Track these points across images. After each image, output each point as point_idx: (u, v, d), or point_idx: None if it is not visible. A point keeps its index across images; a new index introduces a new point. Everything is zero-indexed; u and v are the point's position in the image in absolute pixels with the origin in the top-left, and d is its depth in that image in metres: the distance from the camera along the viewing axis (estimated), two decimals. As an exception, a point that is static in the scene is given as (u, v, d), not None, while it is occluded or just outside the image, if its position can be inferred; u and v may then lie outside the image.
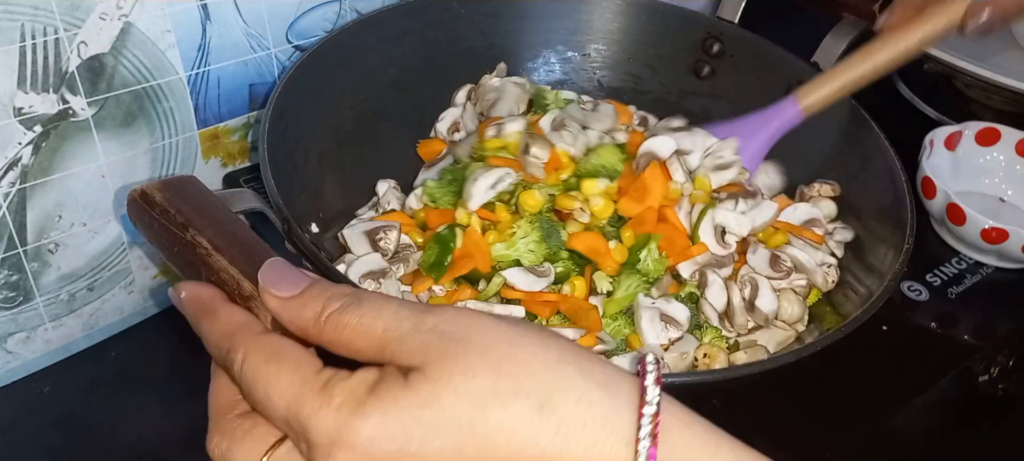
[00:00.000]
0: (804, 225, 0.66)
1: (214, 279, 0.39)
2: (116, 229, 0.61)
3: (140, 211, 0.43)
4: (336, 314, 0.36)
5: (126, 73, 0.58)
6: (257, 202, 0.48)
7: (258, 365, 0.35)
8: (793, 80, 0.71)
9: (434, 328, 0.34)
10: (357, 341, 0.35)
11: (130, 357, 0.64)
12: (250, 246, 0.41)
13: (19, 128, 0.54)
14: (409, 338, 0.34)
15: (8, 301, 0.58)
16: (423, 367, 0.33)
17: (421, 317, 0.35)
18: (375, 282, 0.56)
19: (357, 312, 0.35)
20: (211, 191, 0.44)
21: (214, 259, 0.40)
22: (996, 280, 0.78)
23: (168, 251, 0.42)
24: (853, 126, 0.70)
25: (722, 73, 0.77)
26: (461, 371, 0.33)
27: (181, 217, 0.41)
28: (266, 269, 0.38)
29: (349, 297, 0.36)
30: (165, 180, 0.44)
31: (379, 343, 0.35)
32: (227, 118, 0.66)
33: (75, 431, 0.60)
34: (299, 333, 0.37)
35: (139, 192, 0.43)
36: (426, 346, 0.34)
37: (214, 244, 0.40)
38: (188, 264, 0.41)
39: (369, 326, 0.35)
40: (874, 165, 0.67)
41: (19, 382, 0.61)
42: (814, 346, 0.52)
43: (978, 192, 0.85)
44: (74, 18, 0.54)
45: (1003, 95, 0.91)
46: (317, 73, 0.65)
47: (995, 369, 0.72)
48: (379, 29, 0.71)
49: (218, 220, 0.42)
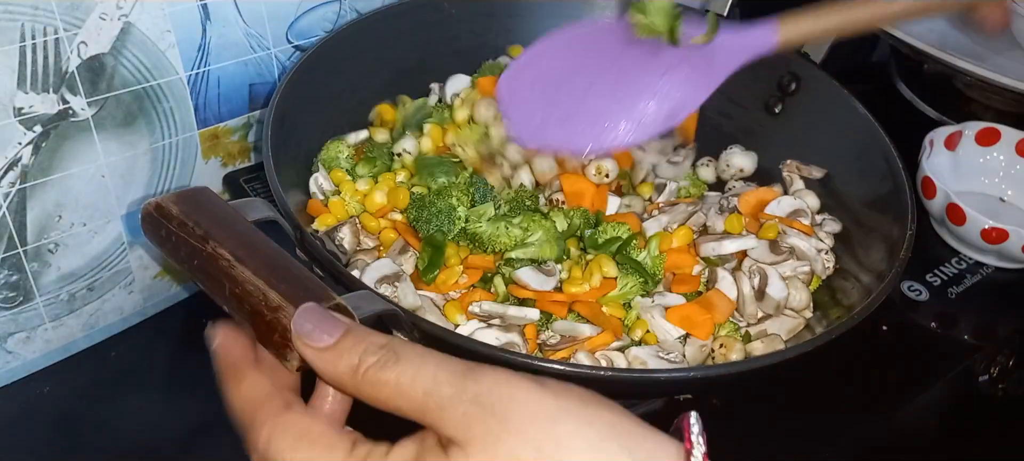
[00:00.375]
0: (790, 216, 0.66)
1: (238, 291, 0.39)
2: (116, 229, 0.61)
3: (155, 225, 0.42)
4: (374, 370, 0.35)
5: (126, 73, 0.58)
6: (270, 211, 0.47)
7: (284, 449, 0.34)
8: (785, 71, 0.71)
9: (475, 399, 0.33)
10: (395, 401, 0.34)
11: (130, 357, 0.64)
12: (272, 256, 0.40)
13: (19, 128, 0.54)
14: (450, 406, 0.33)
15: (8, 301, 0.58)
16: (464, 444, 0.33)
17: (462, 383, 0.33)
18: (391, 286, 0.56)
19: (395, 370, 0.34)
20: (225, 202, 0.44)
21: (237, 271, 0.39)
22: (996, 280, 0.78)
23: (187, 264, 0.41)
24: (850, 117, 0.70)
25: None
26: (504, 454, 0.32)
27: (200, 230, 0.41)
28: (299, 317, 0.36)
29: (386, 351, 0.35)
30: (179, 192, 0.43)
31: (420, 407, 0.34)
32: (227, 118, 0.66)
33: (75, 431, 0.60)
34: (334, 385, 0.36)
35: (153, 205, 0.42)
36: (468, 420, 0.33)
37: (236, 256, 0.39)
38: (209, 277, 0.40)
39: (408, 389, 0.34)
40: (871, 155, 0.67)
41: (19, 382, 0.61)
42: (833, 332, 0.52)
43: (978, 192, 0.85)
44: (74, 18, 0.54)
45: (1003, 95, 0.91)
46: (316, 75, 0.65)
47: (995, 369, 0.72)
48: (374, 30, 0.71)
49: (237, 231, 0.41)
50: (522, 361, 0.47)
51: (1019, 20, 0.97)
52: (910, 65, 1.00)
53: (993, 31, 0.65)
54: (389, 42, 0.72)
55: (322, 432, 0.35)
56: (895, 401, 0.67)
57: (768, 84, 0.74)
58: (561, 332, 0.57)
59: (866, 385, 0.68)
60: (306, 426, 0.35)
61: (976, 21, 0.66)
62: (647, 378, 0.53)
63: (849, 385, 0.67)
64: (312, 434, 0.35)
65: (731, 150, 0.74)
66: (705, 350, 0.58)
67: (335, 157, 0.66)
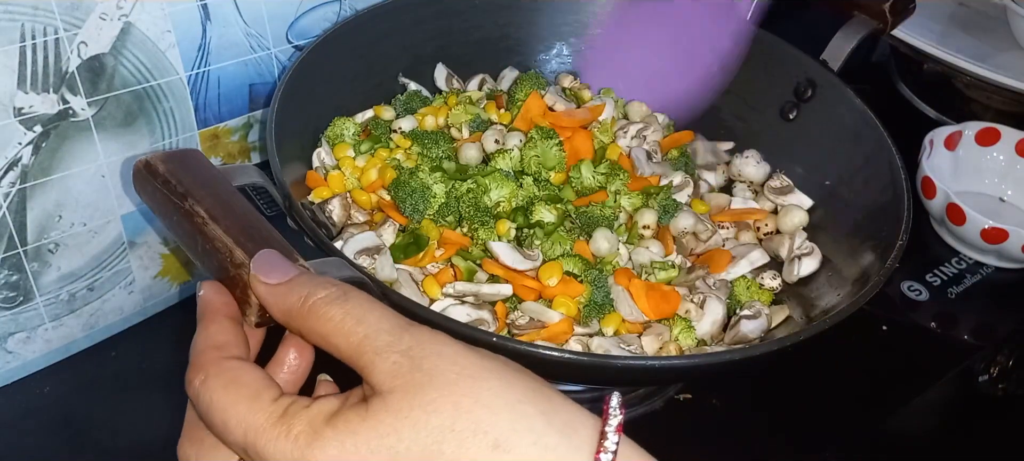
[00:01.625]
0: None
1: (209, 247, 0.41)
2: (116, 229, 0.61)
3: (143, 180, 0.45)
4: (322, 302, 0.36)
5: (126, 73, 0.58)
6: (258, 177, 0.49)
7: (216, 389, 0.36)
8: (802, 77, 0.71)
9: (407, 351, 0.34)
10: (335, 337, 0.36)
11: (130, 357, 0.64)
12: (245, 217, 0.42)
13: (19, 128, 0.54)
14: (383, 353, 0.34)
15: (8, 301, 0.58)
16: (387, 394, 0.33)
17: (400, 334, 0.35)
18: (371, 258, 0.57)
19: (342, 308, 0.36)
20: (213, 164, 0.46)
21: (209, 228, 0.41)
22: (996, 280, 0.78)
23: (168, 220, 0.44)
24: (860, 126, 0.69)
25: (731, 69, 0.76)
26: (421, 405, 0.33)
27: (181, 187, 0.43)
28: (259, 258, 0.39)
29: (337, 289, 0.37)
30: (169, 152, 0.45)
31: (356, 349, 0.35)
32: (227, 118, 0.66)
33: (75, 431, 0.60)
34: (282, 318, 0.38)
35: (143, 163, 0.45)
36: (396, 369, 0.34)
37: (210, 214, 0.41)
38: (186, 233, 0.42)
39: (351, 328, 0.35)
40: (876, 163, 0.66)
41: (19, 382, 0.61)
42: (801, 335, 0.51)
43: (978, 192, 0.85)
44: (74, 18, 0.54)
45: (1003, 95, 0.91)
46: (332, 56, 0.66)
47: (995, 369, 0.72)
48: (396, 16, 0.71)
49: (216, 192, 0.43)
50: (498, 342, 0.46)
51: (1019, 20, 0.97)
52: (910, 65, 1.01)
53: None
54: (408, 29, 0.72)
55: (252, 380, 0.36)
56: (895, 401, 0.67)
57: (785, 89, 0.73)
58: (530, 313, 0.57)
59: (866, 385, 0.68)
60: (239, 372, 0.36)
61: None
62: (610, 364, 0.52)
63: (849, 385, 0.67)
64: (242, 380, 0.36)
65: (746, 157, 0.73)
66: (661, 340, 0.58)
67: (341, 133, 0.67)
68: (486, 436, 0.33)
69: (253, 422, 0.34)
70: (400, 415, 0.33)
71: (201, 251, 0.41)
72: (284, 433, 0.34)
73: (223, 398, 0.35)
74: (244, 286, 0.39)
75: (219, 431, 0.36)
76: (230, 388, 0.35)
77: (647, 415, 0.63)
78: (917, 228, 0.60)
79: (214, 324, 0.39)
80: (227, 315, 0.40)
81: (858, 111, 0.68)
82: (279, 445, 0.33)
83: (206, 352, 0.37)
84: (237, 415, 0.35)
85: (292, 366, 0.41)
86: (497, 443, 0.33)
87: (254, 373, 0.36)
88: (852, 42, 0.70)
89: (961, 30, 1.00)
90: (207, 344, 0.38)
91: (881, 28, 0.70)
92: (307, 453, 0.33)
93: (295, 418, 0.34)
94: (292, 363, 0.41)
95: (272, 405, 0.35)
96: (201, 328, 0.39)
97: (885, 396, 0.67)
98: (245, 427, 0.34)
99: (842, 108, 0.69)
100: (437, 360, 0.34)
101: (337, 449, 0.33)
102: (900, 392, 0.67)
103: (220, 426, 0.35)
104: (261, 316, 0.39)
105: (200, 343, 0.38)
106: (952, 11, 1.04)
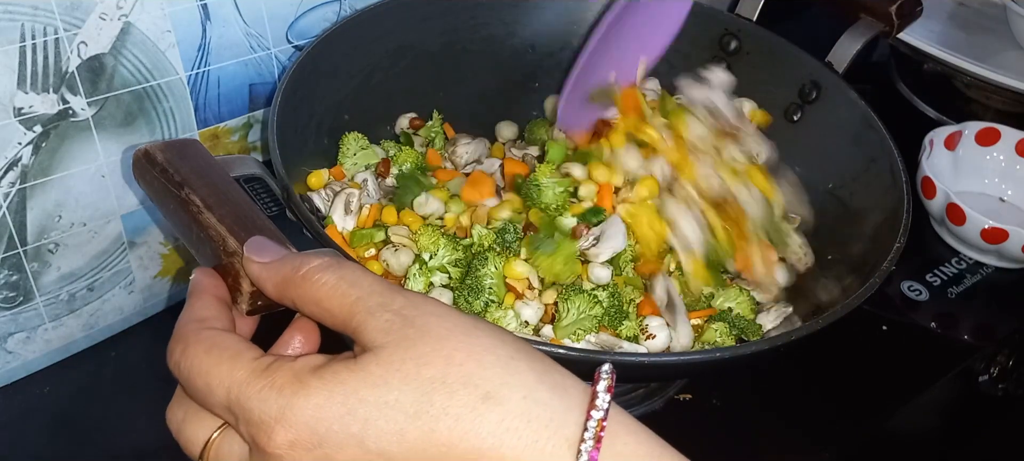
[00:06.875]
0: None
1: (203, 235, 0.41)
2: (116, 229, 0.61)
3: (142, 169, 0.46)
4: (317, 269, 0.36)
5: (126, 73, 0.58)
6: (257, 168, 0.50)
7: (197, 354, 0.35)
8: (807, 79, 0.70)
9: (400, 310, 0.34)
10: (329, 301, 0.35)
11: (130, 357, 0.64)
12: (240, 207, 0.43)
13: (19, 128, 0.54)
14: (376, 313, 0.34)
15: (8, 301, 0.58)
16: (378, 348, 0.33)
17: (392, 295, 0.35)
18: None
19: (337, 273, 0.36)
20: (211, 155, 0.46)
21: (204, 217, 0.42)
22: (996, 280, 0.78)
23: (165, 208, 0.45)
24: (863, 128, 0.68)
25: (737, 70, 0.76)
26: (412, 358, 0.33)
27: (178, 176, 0.43)
28: (251, 242, 0.39)
29: (330, 257, 0.37)
30: (168, 141, 0.47)
31: (349, 310, 0.35)
32: (227, 118, 0.66)
33: (75, 431, 0.60)
34: (276, 290, 0.38)
35: (143, 151, 0.45)
36: (388, 327, 0.34)
37: (206, 203, 0.42)
38: (182, 221, 0.43)
39: (346, 291, 0.35)
40: (878, 166, 0.66)
41: (19, 382, 0.61)
42: (792, 334, 0.51)
43: (978, 192, 0.85)
44: (74, 18, 0.54)
45: (1003, 95, 0.92)
46: (337, 51, 0.66)
47: (995, 369, 0.72)
48: (396, 15, 0.71)
49: (213, 182, 0.44)
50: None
51: (1019, 20, 0.97)
52: (910, 65, 1.01)
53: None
54: (415, 24, 0.72)
55: (231, 343, 0.36)
56: (895, 401, 0.67)
57: (790, 91, 0.72)
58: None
59: (866, 385, 0.68)
60: (219, 337, 0.36)
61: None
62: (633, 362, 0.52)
63: (849, 385, 0.67)
64: (221, 344, 0.36)
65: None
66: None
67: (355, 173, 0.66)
68: (476, 389, 0.32)
69: (236, 377, 0.34)
70: (391, 367, 0.33)
71: (196, 239, 0.42)
72: (268, 384, 0.33)
73: (204, 361, 0.35)
74: (236, 274, 0.40)
75: (202, 396, 0.35)
76: (212, 351, 0.35)
77: (647, 415, 0.63)
78: (917, 228, 0.60)
79: (199, 301, 0.39)
80: (214, 295, 0.40)
81: (862, 114, 0.68)
82: (263, 395, 0.33)
83: (187, 324, 0.37)
84: (219, 374, 0.34)
85: (297, 351, 0.40)
86: (488, 395, 0.32)
87: (235, 337, 0.36)
88: (858, 44, 0.70)
89: (961, 30, 1.00)
90: (189, 318, 0.38)
91: (887, 30, 0.70)
92: (293, 402, 0.32)
93: (280, 371, 0.33)
94: (296, 348, 0.40)
95: (254, 362, 0.34)
96: (186, 306, 0.39)
97: (885, 396, 0.67)
98: (228, 384, 0.34)
99: (846, 111, 0.69)
100: (429, 318, 0.34)
101: (324, 397, 0.32)
102: (900, 392, 0.67)
103: (203, 390, 0.35)
104: (253, 303, 0.40)
105: (183, 318, 0.38)
106: (952, 11, 1.04)
